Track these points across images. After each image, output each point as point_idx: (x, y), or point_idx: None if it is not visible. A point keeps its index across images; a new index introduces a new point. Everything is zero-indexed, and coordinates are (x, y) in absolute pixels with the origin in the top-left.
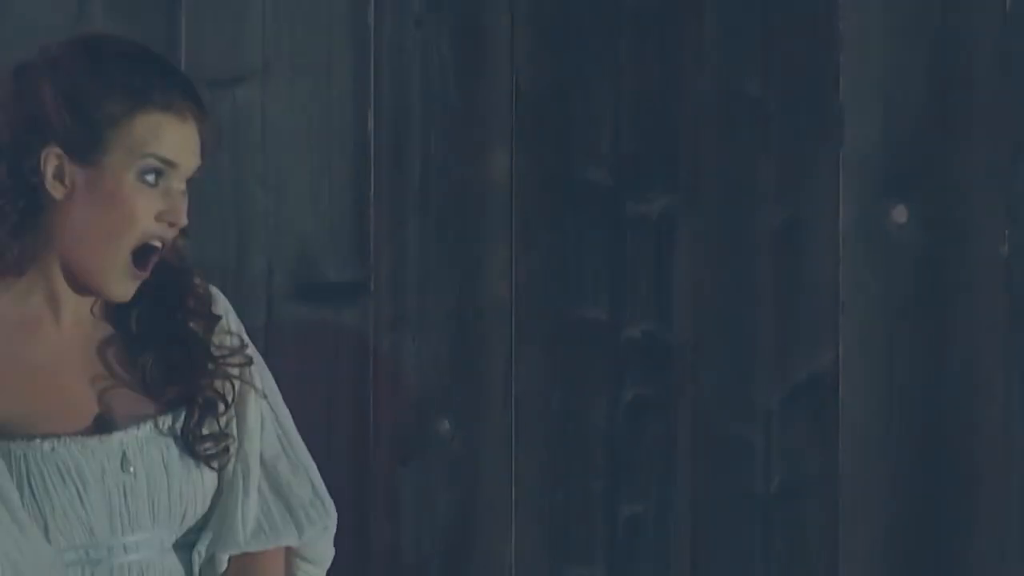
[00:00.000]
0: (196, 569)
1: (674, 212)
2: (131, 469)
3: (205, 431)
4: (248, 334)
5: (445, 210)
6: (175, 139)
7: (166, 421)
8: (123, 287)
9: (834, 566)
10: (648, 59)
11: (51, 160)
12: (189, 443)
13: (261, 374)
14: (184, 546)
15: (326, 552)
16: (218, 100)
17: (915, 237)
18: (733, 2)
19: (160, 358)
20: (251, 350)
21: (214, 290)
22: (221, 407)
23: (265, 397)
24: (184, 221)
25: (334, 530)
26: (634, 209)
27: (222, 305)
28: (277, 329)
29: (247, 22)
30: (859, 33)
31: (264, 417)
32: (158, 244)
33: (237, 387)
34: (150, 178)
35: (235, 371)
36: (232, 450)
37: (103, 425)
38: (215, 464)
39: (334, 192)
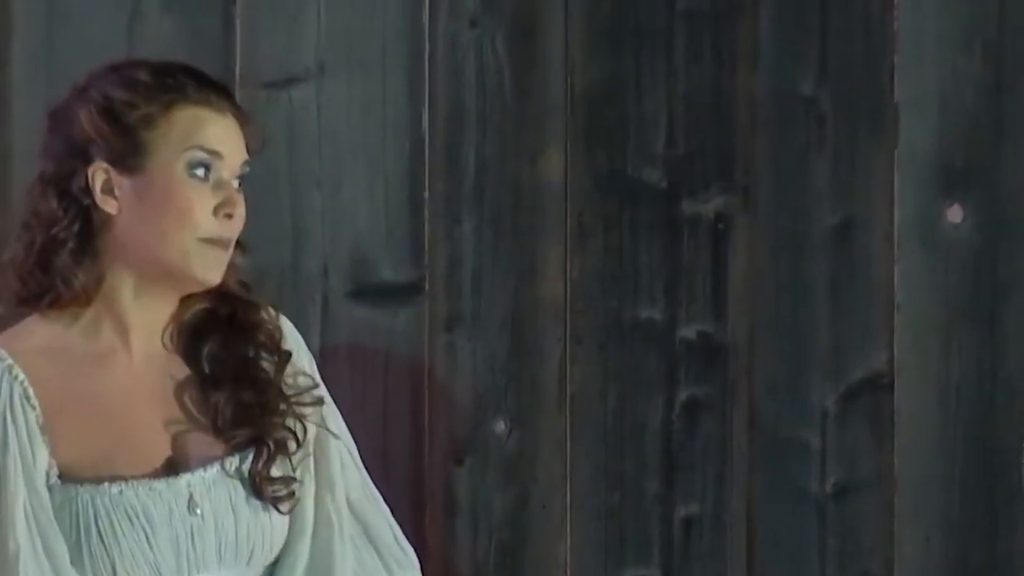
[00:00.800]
0: None
1: (729, 212)
2: (198, 511)
3: (275, 473)
4: (302, 335)
5: (500, 210)
6: (216, 130)
7: (233, 463)
8: (206, 266)
9: (889, 566)
10: (703, 58)
11: (98, 176)
12: (257, 485)
13: (332, 414)
14: None
15: None
16: (273, 101)
17: (970, 236)
18: (788, 2)
19: (231, 398)
20: (322, 389)
21: (284, 323)
22: (292, 446)
23: (338, 438)
24: (240, 211)
25: None
26: (689, 209)
27: (292, 339)
28: (332, 330)
29: (302, 22)
30: (914, 33)
31: (343, 460)
32: (224, 238)
33: (309, 428)
34: (200, 172)
35: (307, 411)
36: (299, 493)
37: (171, 467)
38: (283, 507)
39: (389, 192)
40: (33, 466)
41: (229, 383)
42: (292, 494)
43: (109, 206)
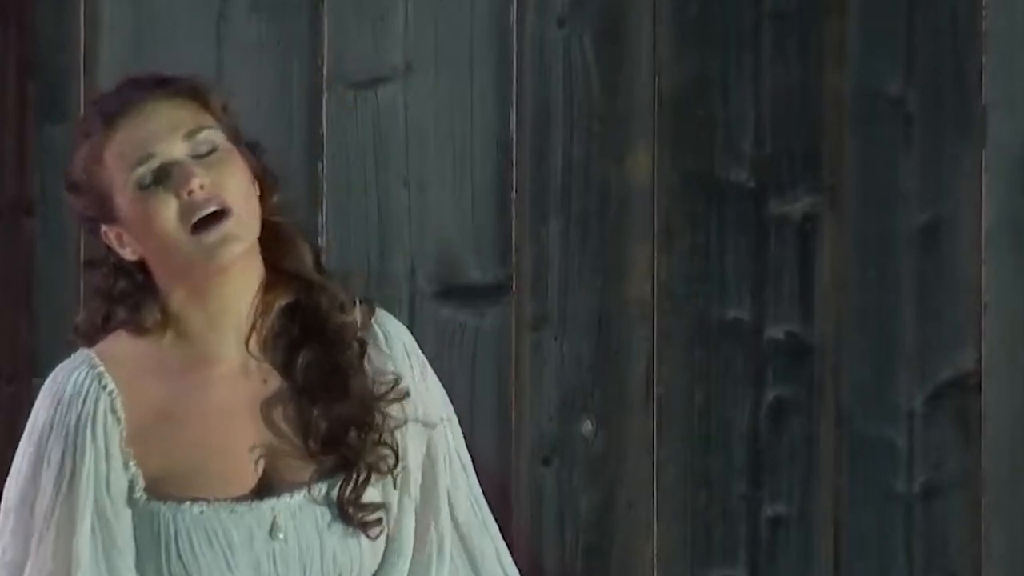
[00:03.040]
0: None
1: (816, 212)
2: (280, 536)
3: (364, 500)
4: None
5: (587, 210)
6: (137, 134)
7: (321, 489)
8: (211, 254)
9: (976, 567)
10: (790, 58)
11: (111, 237)
12: (345, 511)
13: (452, 430)
14: None
15: None
16: (360, 101)
17: None
18: (876, 1)
19: (325, 412)
20: (438, 392)
21: (384, 320)
22: (391, 462)
23: (448, 456)
24: (193, 181)
25: None
26: (776, 209)
27: (392, 336)
28: (419, 330)
29: (389, 23)
30: (1003, 33)
31: (456, 480)
32: (208, 211)
33: (411, 445)
34: (147, 181)
35: (398, 434)
36: (389, 518)
37: (257, 490)
38: (371, 533)
39: (476, 192)
40: (107, 482)
41: (321, 394)
42: (379, 520)
43: (129, 255)
